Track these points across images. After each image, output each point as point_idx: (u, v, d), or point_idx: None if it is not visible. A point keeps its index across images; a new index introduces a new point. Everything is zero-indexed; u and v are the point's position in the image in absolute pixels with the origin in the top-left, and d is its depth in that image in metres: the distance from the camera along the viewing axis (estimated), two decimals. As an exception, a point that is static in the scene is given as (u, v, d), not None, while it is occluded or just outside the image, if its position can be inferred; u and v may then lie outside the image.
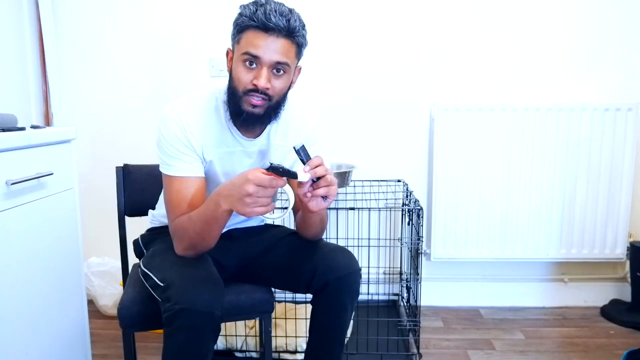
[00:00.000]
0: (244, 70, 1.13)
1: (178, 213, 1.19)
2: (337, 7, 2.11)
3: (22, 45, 2.04)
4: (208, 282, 1.11)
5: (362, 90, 2.15)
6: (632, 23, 2.08)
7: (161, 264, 1.21)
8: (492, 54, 2.12)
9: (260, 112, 1.16)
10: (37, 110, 2.11)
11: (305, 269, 1.28)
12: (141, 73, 2.17)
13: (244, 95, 1.15)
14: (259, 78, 1.12)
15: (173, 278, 1.11)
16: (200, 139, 1.21)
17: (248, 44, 1.12)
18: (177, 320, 1.05)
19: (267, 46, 1.11)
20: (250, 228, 1.46)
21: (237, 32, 1.15)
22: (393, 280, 2.25)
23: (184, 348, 1.07)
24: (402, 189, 2.13)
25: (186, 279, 1.10)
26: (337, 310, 1.28)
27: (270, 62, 1.12)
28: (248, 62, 1.13)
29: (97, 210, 2.12)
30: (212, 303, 1.06)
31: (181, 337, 1.06)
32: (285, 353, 1.79)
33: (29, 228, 1.28)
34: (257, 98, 1.14)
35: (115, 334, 1.95)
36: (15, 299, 1.23)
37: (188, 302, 1.04)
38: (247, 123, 1.20)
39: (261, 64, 1.12)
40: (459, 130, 2.07)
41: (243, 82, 1.14)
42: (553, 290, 2.24)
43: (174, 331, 1.06)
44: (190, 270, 1.15)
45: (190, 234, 1.17)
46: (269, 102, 1.16)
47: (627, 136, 2.05)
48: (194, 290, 1.07)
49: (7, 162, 1.20)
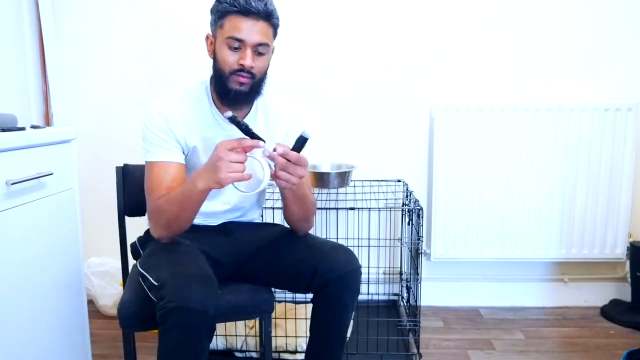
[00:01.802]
0: (229, 52, 1.22)
1: (156, 196, 1.25)
2: (337, 7, 2.11)
3: (22, 45, 2.04)
4: (201, 280, 1.12)
5: (362, 90, 2.15)
6: (632, 23, 2.08)
7: (156, 264, 1.21)
8: (492, 54, 2.12)
9: (246, 90, 1.25)
10: (37, 110, 2.11)
11: (306, 267, 1.28)
12: (141, 73, 2.17)
13: (230, 75, 1.23)
14: (244, 58, 1.21)
15: (167, 277, 1.12)
16: (182, 127, 1.28)
17: (232, 28, 1.20)
18: (170, 319, 1.05)
19: (249, 29, 1.20)
20: (246, 223, 1.46)
21: (219, 18, 1.23)
22: (393, 280, 2.25)
23: (179, 346, 1.07)
24: (402, 189, 2.13)
25: (179, 278, 1.11)
26: (338, 308, 1.28)
27: (253, 44, 1.21)
28: (233, 46, 1.22)
29: (97, 210, 2.12)
30: (205, 301, 1.07)
31: (175, 336, 1.06)
32: (285, 353, 1.79)
33: (29, 228, 1.28)
34: (244, 77, 1.23)
35: (115, 334, 1.96)
36: (15, 299, 1.23)
37: (181, 300, 1.05)
38: (235, 101, 1.27)
39: (245, 46, 1.21)
40: (459, 130, 2.07)
41: (229, 63, 1.23)
42: (553, 290, 2.24)
43: (167, 329, 1.06)
44: (184, 268, 1.16)
45: (167, 215, 1.23)
46: (253, 80, 1.25)
47: (627, 136, 2.05)
48: (186, 289, 1.07)
49: (7, 162, 1.20)
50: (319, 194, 2.10)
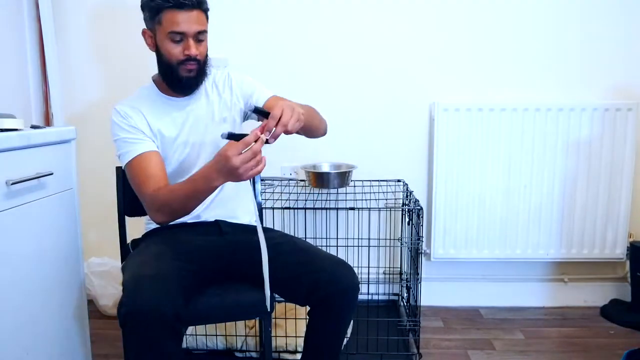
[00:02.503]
0: (172, 45, 1.31)
1: (150, 188, 1.27)
2: (338, 7, 2.11)
3: (22, 45, 2.04)
4: (153, 281, 1.11)
5: (362, 90, 2.15)
6: (632, 23, 2.08)
7: (127, 267, 1.25)
8: (492, 54, 2.12)
9: (194, 75, 1.35)
10: (37, 110, 2.11)
11: (305, 280, 1.27)
12: (141, 73, 2.16)
13: (178, 65, 1.33)
14: (189, 49, 1.31)
15: (125, 280, 1.14)
16: (139, 117, 1.36)
17: (170, 23, 1.29)
18: (127, 324, 1.05)
19: (186, 21, 1.29)
20: (241, 225, 1.46)
21: (154, 14, 1.31)
22: (393, 280, 2.25)
23: (142, 350, 1.06)
24: (402, 189, 2.13)
25: (133, 280, 1.11)
26: (335, 323, 1.29)
27: (193, 33, 1.30)
28: (175, 39, 1.30)
29: (97, 210, 2.12)
30: (156, 300, 1.05)
31: (134, 340, 1.06)
32: (285, 353, 1.79)
33: (29, 228, 1.28)
34: (191, 64, 1.33)
35: (115, 334, 1.95)
36: (15, 299, 1.23)
37: (132, 304, 1.05)
38: (187, 87, 1.38)
39: (186, 37, 1.30)
40: (459, 130, 2.07)
41: (175, 55, 1.32)
42: (553, 290, 2.24)
43: (126, 335, 1.06)
44: (140, 269, 1.16)
45: (172, 206, 1.25)
46: (199, 65, 1.35)
47: (627, 136, 2.05)
48: (138, 290, 1.07)
49: (7, 162, 1.20)
50: (319, 194, 2.10)
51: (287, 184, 2.14)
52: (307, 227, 2.03)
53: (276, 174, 2.19)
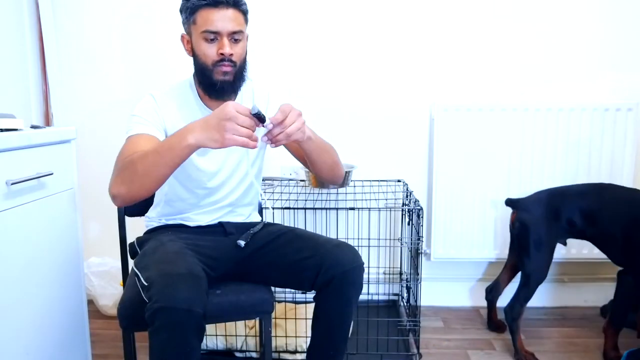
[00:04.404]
0: (207, 46, 1.27)
1: (129, 153, 1.20)
2: (338, 7, 2.11)
3: (22, 45, 2.04)
4: (187, 279, 1.10)
5: (362, 90, 2.15)
6: (632, 23, 2.08)
7: (148, 264, 1.21)
8: (492, 54, 2.12)
9: (231, 79, 1.29)
10: (37, 110, 2.11)
11: (310, 265, 1.28)
12: (141, 73, 2.17)
13: (214, 67, 1.27)
14: (222, 47, 1.25)
15: (154, 277, 1.11)
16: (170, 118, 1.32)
17: (204, 22, 1.25)
18: (157, 319, 1.05)
19: (221, 19, 1.24)
20: (245, 224, 1.46)
21: (190, 15, 1.27)
22: (393, 280, 2.25)
23: (167, 346, 1.06)
24: (402, 189, 2.13)
25: (165, 277, 1.10)
26: (343, 303, 1.28)
27: (228, 32, 1.25)
28: (209, 38, 1.26)
29: (97, 210, 2.12)
30: (191, 300, 1.06)
31: (163, 336, 1.05)
32: (285, 353, 1.79)
33: (29, 228, 1.28)
34: (226, 66, 1.27)
35: (115, 334, 1.95)
36: (15, 299, 1.24)
37: (167, 300, 1.04)
38: (222, 91, 1.30)
39: (221, 36, 1.25)
40: (459, 130, 2.07)
41: (210, 55, 1.27)
42: (553, 290, 2.24)
43: (155, 330, 1.05)
44: (170, 267, 1.15)
45: (136, 168, 1.14)
46: (235, 68, 1.29)
47: (627, 136, 2.05)
48: (172, 288, 1.07)
49: (7, 162, 1.20)
50: (319, 194, 2.10)
51: (287, 184, 2.14)
52: (307, 227, 2.03)
53: (276, 174, 2.19)
